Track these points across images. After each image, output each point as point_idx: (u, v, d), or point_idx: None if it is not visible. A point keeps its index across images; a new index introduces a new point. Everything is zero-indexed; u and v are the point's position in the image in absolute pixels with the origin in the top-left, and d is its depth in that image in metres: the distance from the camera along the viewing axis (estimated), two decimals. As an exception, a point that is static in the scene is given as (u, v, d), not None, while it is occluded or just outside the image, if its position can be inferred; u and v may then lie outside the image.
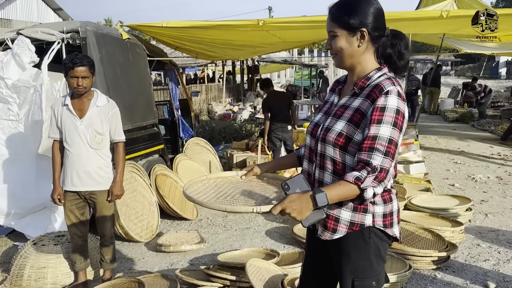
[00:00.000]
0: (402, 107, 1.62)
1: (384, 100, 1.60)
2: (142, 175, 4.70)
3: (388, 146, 1.58)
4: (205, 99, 16.29)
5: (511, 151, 8.55)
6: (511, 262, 3.67)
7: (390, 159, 1.59)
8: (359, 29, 1.65)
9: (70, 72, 2.96)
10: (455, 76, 36.27)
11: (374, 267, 1.76)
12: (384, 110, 1.60)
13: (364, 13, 1.66)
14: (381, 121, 1.59)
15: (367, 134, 1.60)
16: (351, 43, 1.67)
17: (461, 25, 6.07)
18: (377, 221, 1.72)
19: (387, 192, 1.75)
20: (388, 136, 1.59)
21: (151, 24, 5.30)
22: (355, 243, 1.74)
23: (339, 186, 1.58)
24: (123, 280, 3.15)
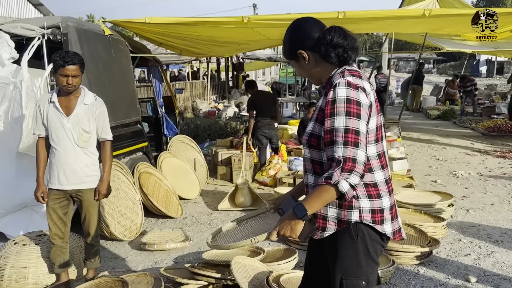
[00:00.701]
0: (353, 95, 1.65)
1: (333, 93, 1.66)
2: (125, 173, 4.64)
3: (345, 136, 1.60)
4: (189, 97, 16.19)
5: (491, 148, 8.71)
6: (491, 256, 3.74)
7: (352, 148, 1.59)
8: (297, 53, 1.82)
9: (60, 70, 2.91)
10: (437, 74, 36.78)
11: (363, 266, 1.75)
12: (334, 102, 1.64)
13: (292, 42, 1.84)
14: (334, 113, 1.63)
15: (324, 129, 1.66)
16: (301, 66, 1.85)
17: (443, 24, 6.16)
18: (365, 216, 1.72)
19: (374, 187, 1.74)
20: (343, 127, 1.61)
21: (134, 20, 5.24)
22: (342, 241, 1.74)
23: (315, 192, 1.62)
24: (106, 279, 3.11)
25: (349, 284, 1.74)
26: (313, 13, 5.13)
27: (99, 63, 4.60)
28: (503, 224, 4.52)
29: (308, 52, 1.80)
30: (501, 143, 9.29)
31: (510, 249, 3.89)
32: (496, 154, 8.09)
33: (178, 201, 5.22)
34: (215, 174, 6.73)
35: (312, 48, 1.79)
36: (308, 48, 1.79)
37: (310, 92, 16.34)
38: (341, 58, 1.77)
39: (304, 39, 1.80)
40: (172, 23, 5.29)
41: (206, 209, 5.36)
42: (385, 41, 12.89)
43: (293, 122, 9.79)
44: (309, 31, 1.80)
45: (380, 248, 1.80)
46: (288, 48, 1.86)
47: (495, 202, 5.27)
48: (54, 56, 2.95)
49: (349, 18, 4.88)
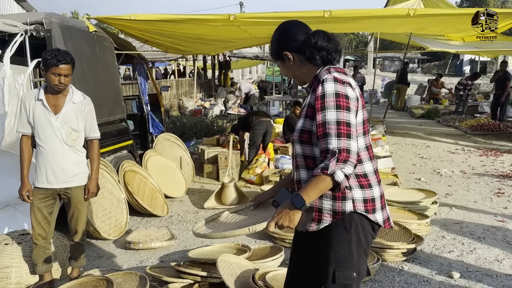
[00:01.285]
0: (341, 89, 1.72)
1: (321, 88, 1.73)
2: (110, 172, 4.60)
3: (338, 128, 1.66)
4: (175, 94, 16.09)
5: (474, 146, 8.85)
6: (474, 253, 3.81)
7: (345, 139, 1.65)
8: (283, 55, 1.90)
9: (52, 69, 2.87)
10: (422, 73, 37.21)
11: (355, 258, 1.80)
12: (323, 97, 1.71)
13: (279, 43, 1.92)
14: (324, 107, 1.70)
15: (316, 123, 1.72)
16: (286, 66, 1.94)
17: (427, 24, 6.23)
18: (358, 206, 1.78)
19: (365, 178, 1.81)
20: (334, 119, 1.68)
21: (119, 17, 5.18)
22: (336, 232, 1.79)
23: (311, 182, 1.66)
24: (91, 278, 3.08)
25: (341, 276, 1.78)
26: (300, 12, 5.15)
27: (83, 60, 4.54)
28: (485, 221, 4.60)
29: (294, 53, 1.88)
30: (484, 141, 9.45)
31: (492, 245, 3.96)
32: (479, 153, 8.23)
33: (164, 199, 5.19)
34: (202, 172, 6.71)
35: (297, 50, 1.87)
36: (293, 50, 1.88)
37: (296, 91, 16.40)
38: (325, 60, 1.85)
39: (289, 41, 1.88)
40: (158, 20, 5.25)
41: (192, 207, 5.34)
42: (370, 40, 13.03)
43: (279, 120, 9.81)
44: (294, 33, 1.88)
45: (371, 239, 1.86)
46: (275, 49, 1.94)
47: (478, 199, 5.36)
48: (45, 55, 2.91)
49: (334, 17, 4.90)
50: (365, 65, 27.75)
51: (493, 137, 9.85)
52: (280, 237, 3.98)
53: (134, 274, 3.18)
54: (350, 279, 1.80)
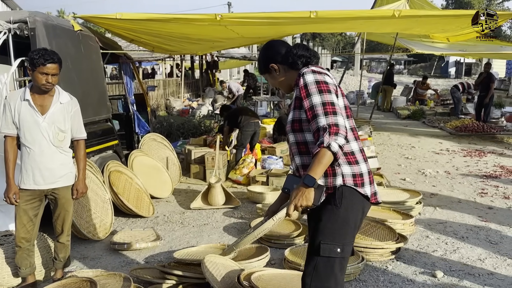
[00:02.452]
0: (319, 77, 1.96)
1: (302, 79, 1.98)
2: (95, 172, 4.55)
3: (324, 108, 1.87)
4: (163, 94, 16.00)
5: (459, 147, 8.97)
6: (457, 252, 3.86)
7: (332, 116, 1.85)
8: (269, 67, 2.18)
9: (39, 68, 2.85)
10: (408, 74, 37.57)
11: (340, 234, 1.96)
12: (306, 86, 1.95)
13: (265, 58, 2.19)
14: (309, 94, 1.93)
15: (305, 109, 1.94)
16: (273, 77, 2.21)
17: (412, 24, 6.29)
18: (347, 180, 1.96)
19: (352, 155, 2.01)
20: (320, 102, 1.89)
21: (104, 16, 5.13)
22: (327, 208, 1.96)
23: (314, 160, 1.83)
24: (74, 279, 3.04)
25: (326, 248, 1.95)
26: (287, 12, 5.16)
27: (68, 59, 4.49)
28: (468, 221, 4.66)
29: (278, 64, 2.16)
30: (468, 142, 9.58)
31: (475, 245, 4.02)
32: (463, 153, 8.34)
33: (150, 200, 5.16)
34: (188, 172, 6.69)
35: (280, 61, 2.15)
36: (277, 62, 2.15)
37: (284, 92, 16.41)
38: (305, 63, 2.11)
39: (274, 54, 2.16)
40: (144, 19, 5.21)
41: (179, 208, 5.32)
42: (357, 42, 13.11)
43: (267, 120, 9.82)
44: (278, 48, 2.16)
45: (361, 216, 2.03)
46: (262, 64, 2.21)
47: (462, 199, 5.44)
48: (32, 54, 2.88)
49: (321, 18, 4.92)
50: (352, 66, 27.93)
51: (477, 138, 10.00)
52: (266, 237, 3.99)
53: (118, 275, 3.16)
54: (334, 252, 1.95)
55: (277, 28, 6.01)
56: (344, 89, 21.30)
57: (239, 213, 5.07)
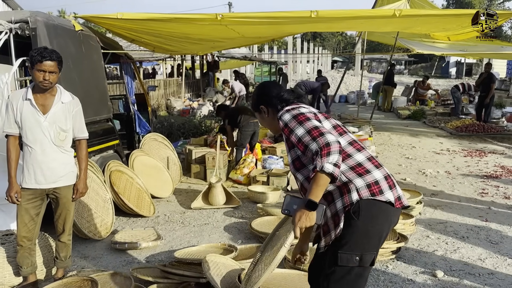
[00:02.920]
0: (294, 112, 2.04)
1: (281, 122, 2.05)
2: (96, 172, 4.56)
3: (310, 135, 1.91)
4: (163, 94, 16.00)
5: (459, 147, 8.97)
6: (457, 252, 3.86)
7: (320, 137, 1.87)
8: (259, 108, 2.27)
9: (37, 65, 2.86)
10: (409, 75, 37.58)
11: (358, 244, 1.95)
12: (286, 125, 2.02)
13: (257, 98, 2.30)
14: (291, 130, 1.99)
15: (295, 144, 1.99)
16: (262, 117, 2.31)
17: (412, 23, 6.30)
18: (363, 193, 1.94)
19: (360, 166, 2.00)
20: (304, 132, 1.94)
21: (105, 16, 5.14)
22: (346, 222, 1.95)
23: (312, 184, 1.86)
24: (75, 278, 3.05)
25: (343, 257, 1.95)
26: (287, 12, 5.16)
27: (69, 59, 4.50)
28: (469, 221, 4.66)
29: (267, 107, 2.24)
30: (468, 142, 9.58)
31: (475, 244, 4.02)
32: (463, 153, 8.34)
33: (151, 199, 5.16)
34: (189, 172, 6.69)
35: (269, 103, 2.23)
36: (266, 103, 2.23)
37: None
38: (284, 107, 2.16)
39: (264, 96, 2.25)
40: (145, 19, 5.22)
41: (179, 207, 5.32)
42: (358, 42, 13.11)
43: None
44: (268, 90, 2.25)
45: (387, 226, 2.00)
46: (255, 102, 2.30)
47: (462, 199, 5.44)
48: (31, 52, 2.91)
49: (321, 17, 4.93)
50: (352, 67, 27.94)
51: (478, 138, 10.00)
52: (267, 237, 3.98)
53: (119, 274, 3.17)
54: (352, 262, 1.94)
55: (277, 28, 6.02)
56: (344, 89, 21.31)
57: (240, 212, 5.07)
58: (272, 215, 4.62)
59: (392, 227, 2.07)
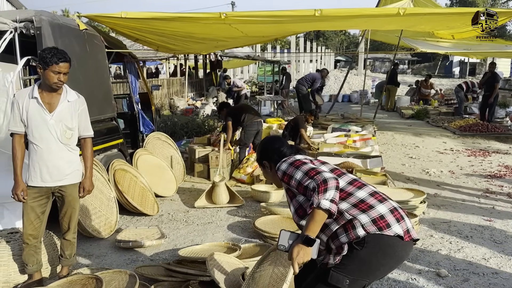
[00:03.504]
0: (290, 160, 2.14)
1: (279, 172, 2.14)
2: (100, 170, 4.58)
3: (308, 176, 2.00)
4: (166, 94, 16.03)
5: (463, 147, 8.95)
6: (461, 251, 3.86)
7: (317, 176, 1.95)
8: (263, 163, 2.35)
9: (52, 67, 2.89)
10: (412, 74, 37.48)
11: (354, 270, 1.97)
12: (285, 173, 2.11)
13: (261, 153, 2.36)
14: (291, 176, 2.07)
15: (295, 189, 2.06)
16: (266, 172, 2.38)
17: (416, 22, 6.28)
18: (369, 228, 1.95)
19: (362, 203, 2.02)
20: (302, 174, 2.03)
21: (109, 15, 5.15)
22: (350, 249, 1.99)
23: (310, 220, 1.91)
24: (80, 276, 3.07)
25: (334, 276, 1.98)
26: (291, 11, 5.16)
27: (74, 58, 4.46)
28: (473, 220, 4.66)
29: (270, 163, 2.30)
30: (472, 142, 9.56)
31: (479, 244, 4.02)
32: (467, 153, 8.32)
33: (154, 198, 5.18)
34: (192, 171, 6.70)
35: (270, 159, 2.29)
36: (269, 159, 2.30)
37: (288, 91, 16.43)
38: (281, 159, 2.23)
39: (267, 152, 2.32)
40: (149, 18, 5.23)
41: (183, 206, 5.33)
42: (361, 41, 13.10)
43: (271, 120, 9.84)
44: (271, 146, 2.32)
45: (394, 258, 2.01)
46: (259, 158, 2.38)
47: (466, 199, 5.43)
48: (43, 53, 2.92)
49: (325, 16, 4.92)
50: (355, 66, 27.89)
51: (482, 138, 9.97)
52: (270, 235, 4.00)
53: (123, 272, 3.18)
54: (342, 283, 1.97)
55: (281, 27, 6.02)
56: (347, 88, 21.26)
57: (243, 211, 5.08)
58: (275, 214, 4.62)
59: (402, 262, 2.08)
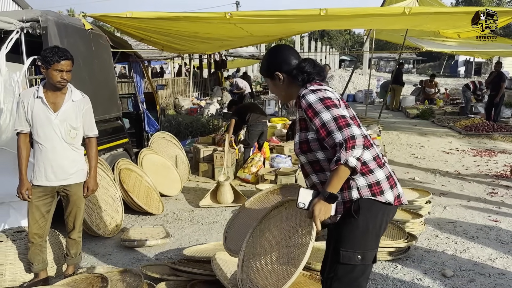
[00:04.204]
0: (321, 95, 1.95)
1: (304, 101, 1.96)
2: (105, 170, 4.59)
3: (336, 123, 1.86)
4: (171, 93, 16.07)
5: (468, 147, 8.91)
6: (467, 252, 3.84)
7: (346, 128, 1.84)
8: (274, 74, 2.13)
9: (54, 65, 2.90)
10: (417, 74, 37.34)
11: (360, 242, 1.99)
12: (310, 106, 1.93)
13: (268, 65, 2.16)
14: (316, 113, 1.91)
15: (316, 127, 1.91)
16: (275, 84, 2.17)
17: (422, 21, 6.26)
18: (364, 192, 1.97)
19: (364, 165, 1.98)
20: (330, 117, 1.87)
21: (115, 15, 5.17)
22: (346, 219, 1.99)
23: (333, 176, 1.85)
24: (85, 275, 3.08)
25: (345, 255, 1.98)
26: (296, 10, 5.16)
27: (79, 58, 4.52)
28: (478, 220, 4.63)
29: (284, 74, 2.12)
30: (478, 142, 9.51)
31: (485, 244, 4.00)
32: (473, 153, 8.28)
33: (159, 197, 5.19)
34: (197, 171, 6.71)
35: (287, 71, 2.10)
36: (284, 71, 2.11)
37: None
38: (305, 81, 2.08)
39: (281, 63, 2.12)
40: (154, 17, 5.25)
41: (188, 205, 5.34)
42: (366, 40, 13.04)
43: (275, 119, 9.84)
44: (286, 57, 2.12)
45: (385, 224, 2.05)
46: (266, 67, 2.17)
47: (471, 199, 5.40)
48: (45, 52, 2.93)
49: (330, 15, 4.92)
50: (360, 66, 27.81)
51: (487, 138, 9.92)
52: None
53: (129, 271, 3.19)
54: (354, 260, 1.97)
55: (286, 26, 6.02)
56: (352, 88, 21.20)
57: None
58: (280, 214, 4.61)
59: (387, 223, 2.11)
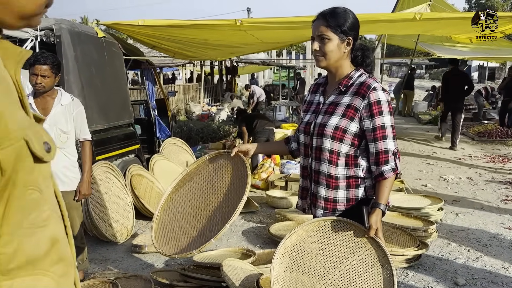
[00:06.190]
0: (388, 98, 1.96)
1: (376, 95, 1.90)
2: (117, 175, 4.64)
3: (392, 131, 1.94)
4: (182, 99, 16.18)
5: (482, 153, 8.80)
6: (479, 260, 3.78)
7: (395, 140, 1.96)
8: (348, 37, 1.94)
9: (30, 68, 2.91)
10: (429, 79, 37.05)
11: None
12: (380, 103, 1.90)
13: (352, 24, 1.94)
14: (382, 112, 1.90)
15: (375, 126, 1.91)
16: (340, 48, 1.94)
17: (433, 27, 6.23)
18: (369, 192, 2.01)
19: None
20: (390, 123, 1.93)
21: (127, 23, 5.24)
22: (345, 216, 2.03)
23: (386, 186, 1.92)
24: (96, 281, 3.11)
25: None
26: (308, 17, 5.16)
27: (92, 65, 4.60)
28: (491, 228, 4.57)
29: (353, 45, 1.97)
30: (491, 148, 9.39)
31: (498, 253, 3.94)
32: (486, 159, 8.18)
33: (170, 203, 5.21)
34: (208, 177, 6.72)
35: (353, 46, 1.99)
36: (353, 43, 1.98)
37: (302, 96, 16.42)
38: (359, 62, 2.04)
39: (356, 33, 1.97)
40: (165, 25, 5.30)
41: (198, 211, 5.35)
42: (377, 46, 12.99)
43: (286, 125, 9.83)
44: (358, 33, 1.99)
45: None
46: (351, 26, 1.93)
47: (484, 206, 5.33)
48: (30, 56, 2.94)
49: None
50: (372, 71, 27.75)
51: (501, 144, 9.79)
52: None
53: (139, 277, 3.21)
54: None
55: (297, 32, 6.02)
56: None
57: (258, 217, 5.08)
58: (290, 220, 4.61)
59: None
